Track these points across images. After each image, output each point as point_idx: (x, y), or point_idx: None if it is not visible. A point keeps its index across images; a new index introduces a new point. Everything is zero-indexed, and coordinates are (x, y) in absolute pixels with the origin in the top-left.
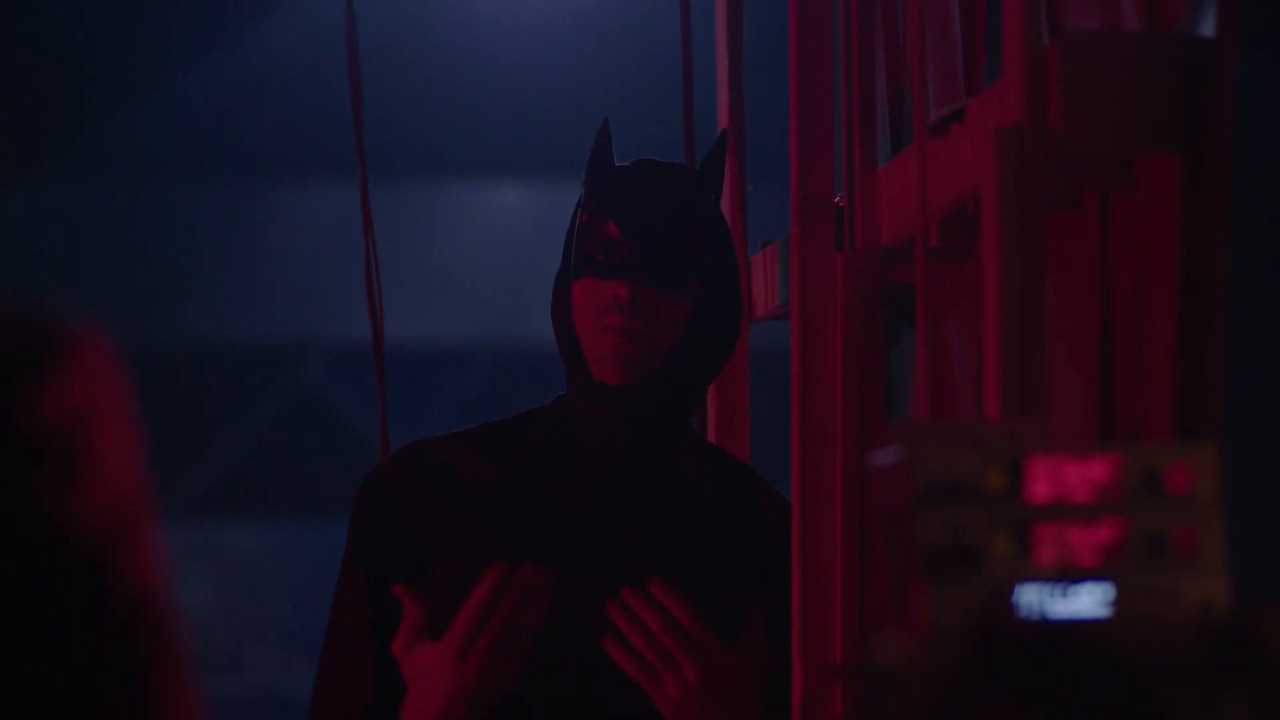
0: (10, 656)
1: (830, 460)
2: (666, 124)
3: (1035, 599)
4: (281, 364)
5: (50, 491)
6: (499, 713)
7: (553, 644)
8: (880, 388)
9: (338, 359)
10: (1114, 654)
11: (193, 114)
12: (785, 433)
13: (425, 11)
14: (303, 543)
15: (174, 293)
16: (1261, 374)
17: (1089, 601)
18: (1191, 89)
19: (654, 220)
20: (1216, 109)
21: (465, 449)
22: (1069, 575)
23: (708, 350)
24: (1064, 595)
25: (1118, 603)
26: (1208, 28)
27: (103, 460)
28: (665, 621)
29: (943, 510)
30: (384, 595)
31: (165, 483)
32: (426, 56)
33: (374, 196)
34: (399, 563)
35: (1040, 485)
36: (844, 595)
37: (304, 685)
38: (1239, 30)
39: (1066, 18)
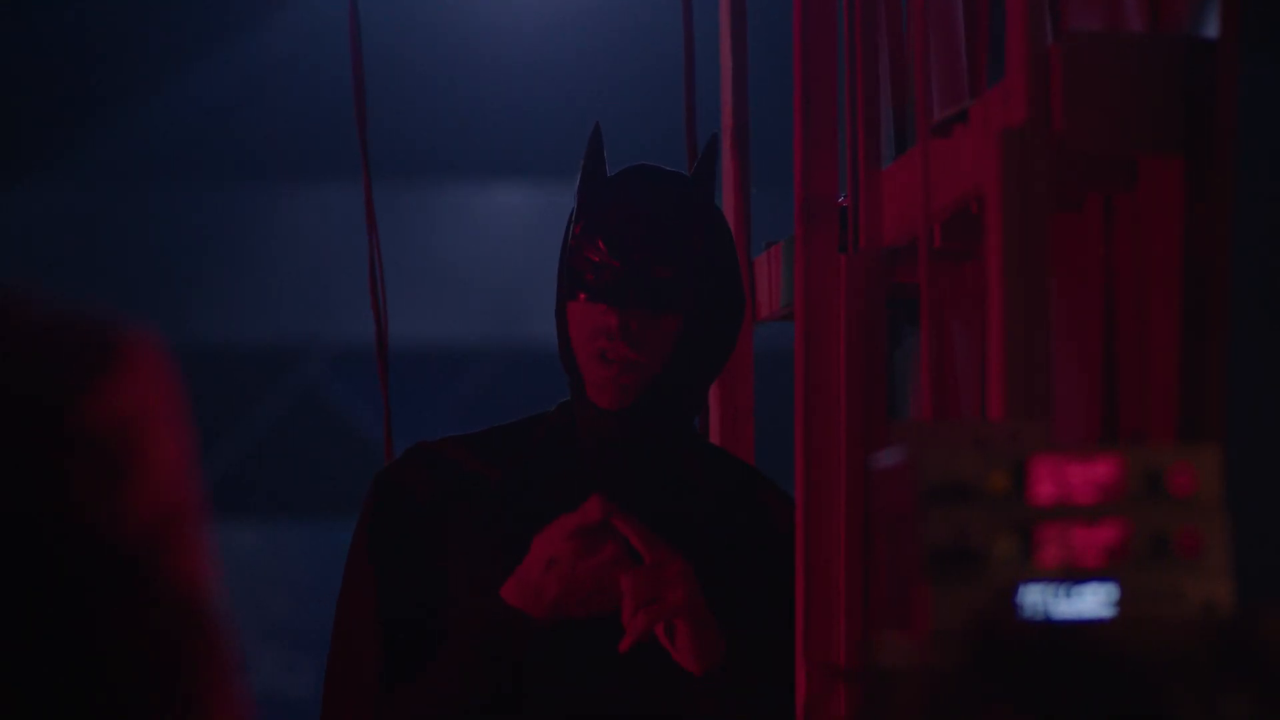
0: (58, 655)
1: (834, 461)
2: (669, 125)
3: (1038, 600)
4: (284, 365)
5: (100, 493)
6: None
7: (558, 646)
8: (883, 388)
9: (340, 360)
10: (1116, 655)
11: (194, 115)
12: (789, 433)
13: (426, 12)
14: (306, 543)
15: (176, 294)
16: (1264, 375)
17: (1092, 602)
18: (1194, 90)
19: (643, 240)
20: (1219, 110)
21: (471, 452)
22: (1072, 576)
23: (704, 359)
24: (1067, 596)
25: (1121, 603)
26: (1210, 29)
27: (152, 463)
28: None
29: (946, 511)
30: (394, 594)
31: None
32: (428, 57)
33: (376, 197)
34: (411, 561)
35: (1043, 486)
36: (847, 596)
37: (308, 685)
38: (1241, 31)
39: (1069, 19)
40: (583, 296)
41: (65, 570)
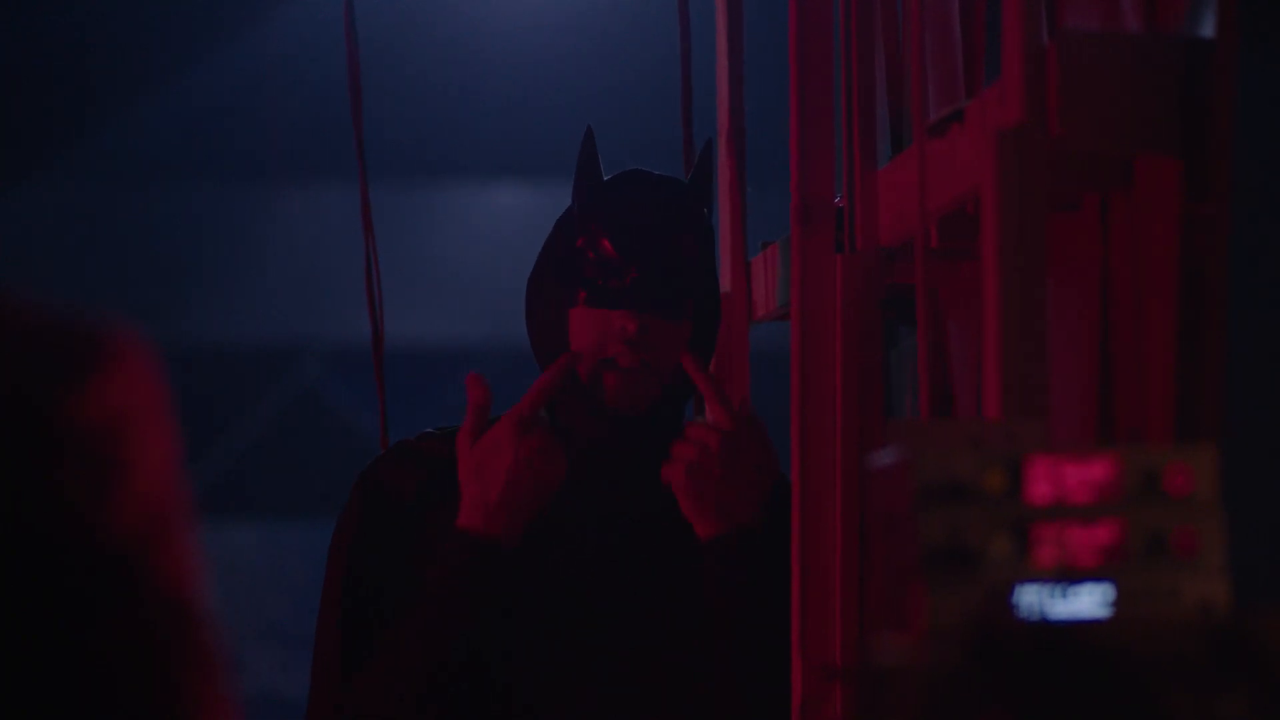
0: (46, 655)
1: (830, 461)
2: (666, 125)
3: (1035, 600)
4: (281, 365)
5: (87, 493)
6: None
7: (553, 634)
8: (880, 388)
9: (337, 360)
10: (1113, 655)
11: (192, 115)
12: (785, 433)
13: (424, 12)
14: (303, 543)
15: (174, 294)
16: (1261, 375)
17: (1089, 602)
18: (1191, 90)
19: (653, 242)
20: (1216, 110)
21: (452, 449)
22: (1068, 576)
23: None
24: (1063, 596)
25: (1117, 603)
26: (1208, 28)
27: (139, 463)
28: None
29: (942, 511)
30: (365, 591)
31: None
32: (425, 57)
33: (373, 197)
34: (387, 558)
35: (1040, 486)
36: (844, 596)
37: (305, 685)
38: (1239, 31)
39: (1066, 18)
40: (586, 297)
41: (53, 570)
